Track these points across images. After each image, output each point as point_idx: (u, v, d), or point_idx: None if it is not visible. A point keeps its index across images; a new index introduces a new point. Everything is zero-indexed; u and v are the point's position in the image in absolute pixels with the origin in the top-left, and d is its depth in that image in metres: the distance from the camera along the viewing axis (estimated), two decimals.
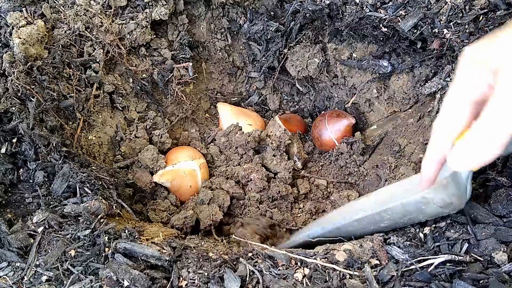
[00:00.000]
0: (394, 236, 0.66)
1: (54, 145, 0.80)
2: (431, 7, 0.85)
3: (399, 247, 0.64)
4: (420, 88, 0.96)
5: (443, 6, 0.84)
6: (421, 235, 0.65)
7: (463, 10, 0.81)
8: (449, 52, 0.86)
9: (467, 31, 0.80)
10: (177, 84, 1.14)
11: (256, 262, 0.64)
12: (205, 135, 1.19)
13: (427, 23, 0.86)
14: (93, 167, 0.84)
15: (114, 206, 0.78)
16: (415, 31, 0.88)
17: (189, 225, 0.91)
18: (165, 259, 0.64)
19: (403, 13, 0.89)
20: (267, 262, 0.64)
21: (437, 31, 0.85)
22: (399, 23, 0.89)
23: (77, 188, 0.75)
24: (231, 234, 0.93)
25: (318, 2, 0.98)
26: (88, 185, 0.76)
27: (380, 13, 0.92)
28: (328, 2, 0.96)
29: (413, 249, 0.62)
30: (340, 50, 1.09)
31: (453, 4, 0.82)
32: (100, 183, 0.80)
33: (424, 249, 0.61)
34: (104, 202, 0.75)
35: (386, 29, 0.93)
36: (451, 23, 0.83)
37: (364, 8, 0.94)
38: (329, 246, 0.69)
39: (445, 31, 0.83)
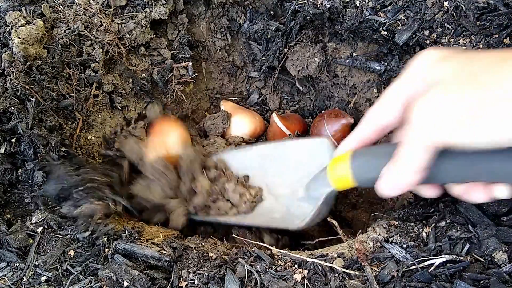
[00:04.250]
0: (397, 235, 0.66)
1: (53, 145, 0.79)
2: (427, 12, 0.85)
3: (401, 246, 0.63)
4: None
5: (437, 12, 0.84)
6: (424, 234, 0.65)
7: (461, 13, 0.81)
8: None
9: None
10: (177, 84, 1.13)
11: (254, 262, 0.64)
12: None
13: (422, 32, 0.86)
14: (88, 168, 0.83)
15: (111, 205, 0.77)
16: (412, 39, 0.88)
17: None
18: (165, 260, 0.64)
19: (403, 17, 0.89)
20: (265, 262, 0.63)
21: (435, 35, 0.85)
22: (397, 30, 0.90)
23: (72, 192, 0.75)
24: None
25: (318, 6, 0.98)
26: (82, 188, 0.75)
27: (380, 16, 0.92)
28: (329, 6, 0.96)
29: (414, 249, 0.62)
30: (340, 49, 1.09)
31: (448, 7, 0.82)
32: (95, 184, 0.79)
33: (426, 249, 0.61)
34: (100, 203, 0.74)
35: (386, 33, 0.93)
36: (448, 26, 0.83)
37: (364, 12, 0.94)
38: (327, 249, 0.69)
39: (442, 36, 0.84)
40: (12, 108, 0.78)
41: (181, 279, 0.62)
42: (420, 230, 0.66)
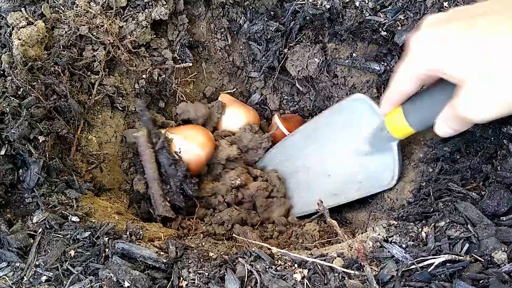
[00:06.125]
0: (396, 235, 0.66)
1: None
2: (427, 12, 0.85)
3: (400, 246, 0.64)
4: None
5: (437, 12, 0.84)
6: (423, 234, 0.65)
7: None
8: None
9: None
10: (177, 84, 1.13)
11: (254, 262, 0.64)
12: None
13: None
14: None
15: None
16: None
17: None
18: (162, 262, 0.64)
19: (402, 18, 0.90)
20: (265, 262, 0.64)
21: None
22: (396, 31, 0.90)
23: None
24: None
25: (318, 6, 0.98)
26: None
27: (380, 17, 0.92)
28: (328, 6, 0.96)
29: (414, 248, 0.62)
30: (340, 50, 1.09)
31: (448, 7, 0.82)
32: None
33: (425, 249, 0.61)
34: None
35: (385, 33, 0.93)
36: None
37: (364, 12, 0.94)
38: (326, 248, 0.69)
39: None
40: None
41: (181, 278, 0.63)
42: (420, 229, 0.66)
